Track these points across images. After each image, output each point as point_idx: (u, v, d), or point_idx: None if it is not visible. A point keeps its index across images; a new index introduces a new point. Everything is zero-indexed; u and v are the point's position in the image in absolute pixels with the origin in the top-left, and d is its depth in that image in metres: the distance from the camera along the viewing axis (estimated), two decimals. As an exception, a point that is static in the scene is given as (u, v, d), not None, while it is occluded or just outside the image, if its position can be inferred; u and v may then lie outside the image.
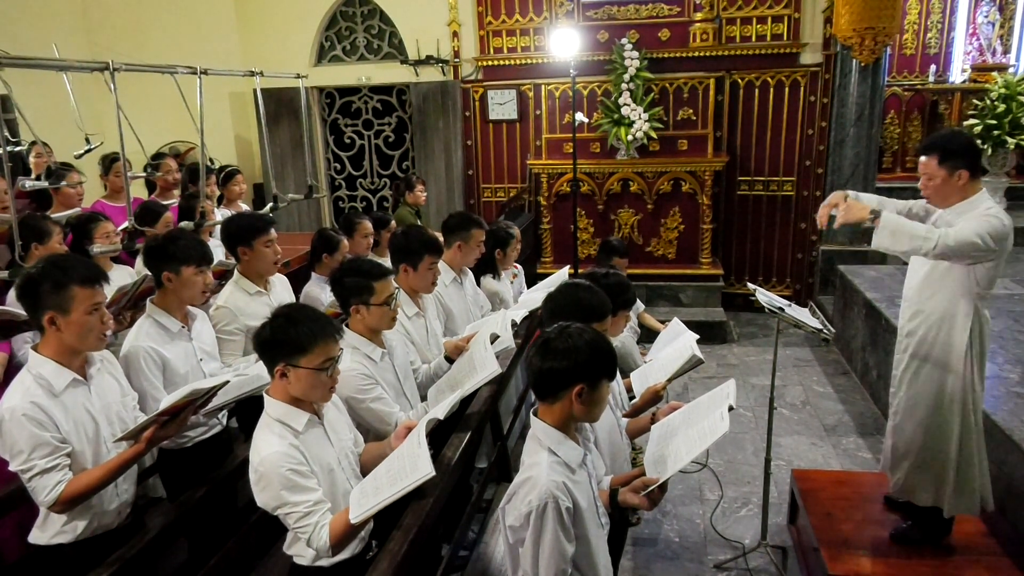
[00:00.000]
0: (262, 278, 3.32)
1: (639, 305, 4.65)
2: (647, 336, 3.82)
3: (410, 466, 1.97)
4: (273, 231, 3.30)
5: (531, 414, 1.95)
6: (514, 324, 3.30)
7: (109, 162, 4.77)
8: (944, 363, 2.78)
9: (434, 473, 1.92)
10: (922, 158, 2.76)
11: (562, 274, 4.03)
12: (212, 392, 2.36)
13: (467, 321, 3.64)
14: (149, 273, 2.85)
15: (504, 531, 1.90)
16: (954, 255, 2.61)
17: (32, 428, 2.09)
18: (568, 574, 1.81)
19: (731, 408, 2.11)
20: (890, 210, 2.87)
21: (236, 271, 3.29)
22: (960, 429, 2.80)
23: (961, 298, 2.72)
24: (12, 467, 2.13)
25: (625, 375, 2.95)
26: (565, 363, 1.82)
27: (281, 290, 3.46)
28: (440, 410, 2.39)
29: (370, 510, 1.91)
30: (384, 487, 1.96)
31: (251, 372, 2.65)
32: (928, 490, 2.92)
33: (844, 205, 2.79)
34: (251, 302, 3.23)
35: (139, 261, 3.84)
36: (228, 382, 2.43)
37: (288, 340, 2.02)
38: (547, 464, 1.83)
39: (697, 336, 2.94)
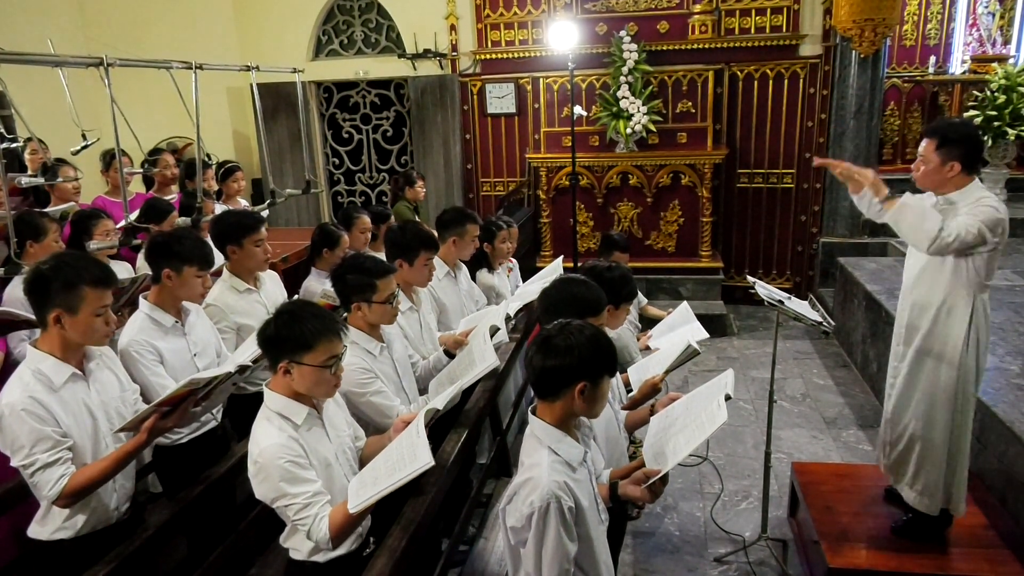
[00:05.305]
0: (252, 275, 3.29)
1: (641, 298, 4.63)
2: (651, 328, 3.78)
3: (409, 456, 1.97)
4: (263, 229, 3.26)
5: (530, 412, 1.94)
6: (509, 318, 3.29)
7: (109, 158, 4.76)
8: (943, 355, 2.77)
9: (433, 462, 1.91)
10: (924, 140, 2.76)
11: (556, 266, 4.02)
12: (212, 383, 2.35)
13: (461, 315, 3.64)
14: (150, 272, 2.84)
15: (505, 532, 1.89)
16: (951, 251, 2.61)
17: (32, 423, 2.08)
18: (571, 574, 1.80)
19: (728, 398, 2.10)
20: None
21: (225, 269, 3.25)
22: (952, 426, 2.79)
23: (960, 289, 2.71)
24: (14, 462, 2.12)
25: (622, 369, 2.94)
26: (567, 361, 1.80)
27: (272, 287, 3.42)
28: (439, 400, 2.39)
29: (368, 500, 1.91)
30: (383, 477, 1.95)
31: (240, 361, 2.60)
32: (911, 484, 2.93)
33: (872, 178, 2.77)
34: (240, 300, 3.21)
35: (141, 258, 3.83)
36: (230, 373, 2.43)
37: (292, 337, 2.02)
38: (548, 464, 1.81)
39: (705, 334, 2.92)
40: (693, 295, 6.77)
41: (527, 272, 4.72)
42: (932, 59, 7.95)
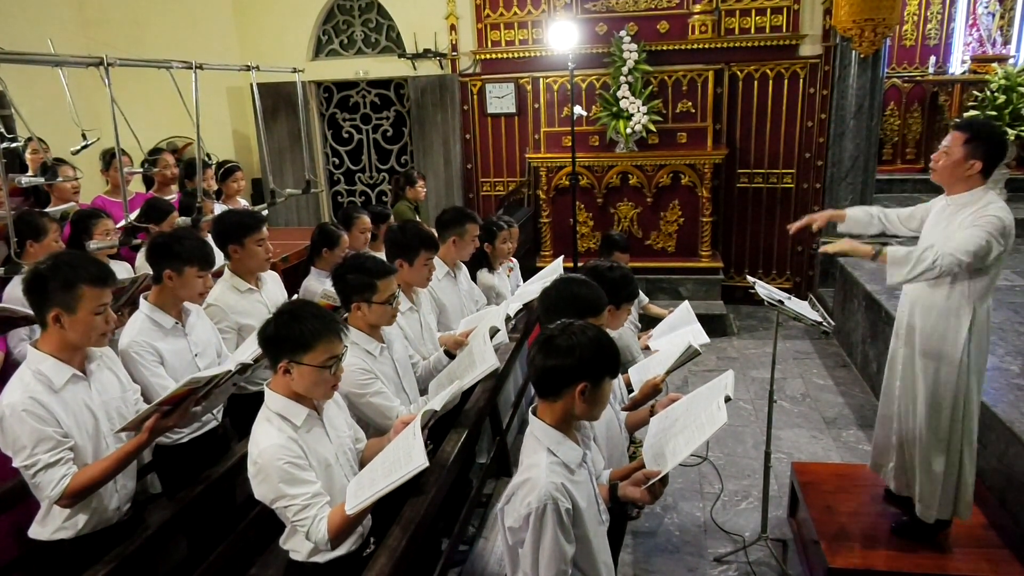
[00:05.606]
0: (253, 275, 3.29)
1: (642, 297, 4.63)
2: (652, 327, 3.78)
3: (404, 457, 1.97)
4: (265, 229, 3.26)
5: (530, 413, 1.94)
6: (509, 318, 3.29)
7: (109, 158, 4.76)
8: (943, 357, 2.77)
9: (427, 464, 1.92)
10: (951, 133, 2.76)
11: (556, 266, 4.02)
12: (213, 382, 2.35)
13: (461, 315, 3.63)
14: (150, 272, 2.84)
15: (503, 531, 1.89)
16: (963, 266, 2.60)
17: (33, 423, 2.08)
18: (568, 575, 1.80)
19: (728, 399, 2.10)
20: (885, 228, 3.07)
21: (227, 268, 3.26)
22: (953, 430, 2.79)
23: (961, 291, 2.71)
24: (16, 463, 2.12)
25: (624, 369, 2.94)
26: (568, 361, 1.80)
27: (273, 287, 3.42)
28: (437, 402, 2.39)
29: (364, 501, 1.91)
30: (379, 479, 1.96)
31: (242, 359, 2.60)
32: (912, 486, 2.93)
33: (849, 242, 2.86)
34: (242, 300, 3.22)
35: (140, 257, 3.83)
36: (230, 372, 2.43)
37: (292, 336, 2.02)
38: (546, 465, 1.81)
39: (707, 339, 2.91)
40: (693, 295, 6.77)
41: (527, 272, 4.72)
42: (932, 59, 7.97)
